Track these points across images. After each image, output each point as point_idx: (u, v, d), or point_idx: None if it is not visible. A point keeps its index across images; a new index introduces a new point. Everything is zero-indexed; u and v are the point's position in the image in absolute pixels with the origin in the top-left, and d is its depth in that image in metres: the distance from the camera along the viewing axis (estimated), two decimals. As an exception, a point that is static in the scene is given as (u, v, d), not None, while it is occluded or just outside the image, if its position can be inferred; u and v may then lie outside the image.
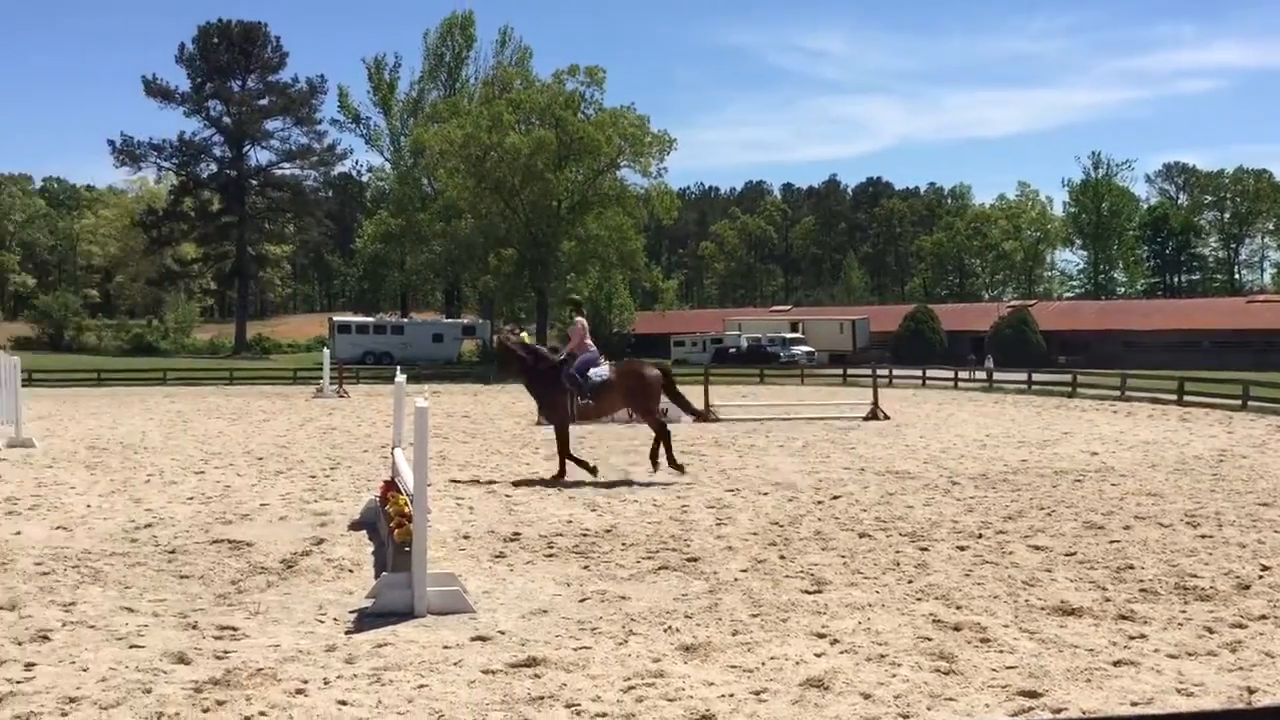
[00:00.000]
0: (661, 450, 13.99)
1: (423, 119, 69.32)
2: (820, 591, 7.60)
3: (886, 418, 23.77)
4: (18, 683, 5.57)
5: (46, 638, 6.39)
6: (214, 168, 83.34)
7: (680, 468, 13.91)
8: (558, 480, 13.35)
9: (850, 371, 46.26)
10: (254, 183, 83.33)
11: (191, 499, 11.93)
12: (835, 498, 12.19)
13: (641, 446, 15.54)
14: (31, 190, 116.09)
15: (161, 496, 12.10)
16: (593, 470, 13.43)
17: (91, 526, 10.17)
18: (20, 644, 6.27)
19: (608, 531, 10.02)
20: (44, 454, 16.28)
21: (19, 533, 9.75)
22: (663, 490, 12.76)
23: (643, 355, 74.30)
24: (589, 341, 14.11)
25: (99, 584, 7.79)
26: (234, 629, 6.60)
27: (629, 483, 13.33)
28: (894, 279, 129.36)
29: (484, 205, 59.46)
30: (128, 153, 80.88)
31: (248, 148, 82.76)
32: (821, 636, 6.44)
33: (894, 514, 11.05)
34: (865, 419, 23.69)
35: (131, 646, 6.21)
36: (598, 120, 58.44)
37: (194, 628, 6.63)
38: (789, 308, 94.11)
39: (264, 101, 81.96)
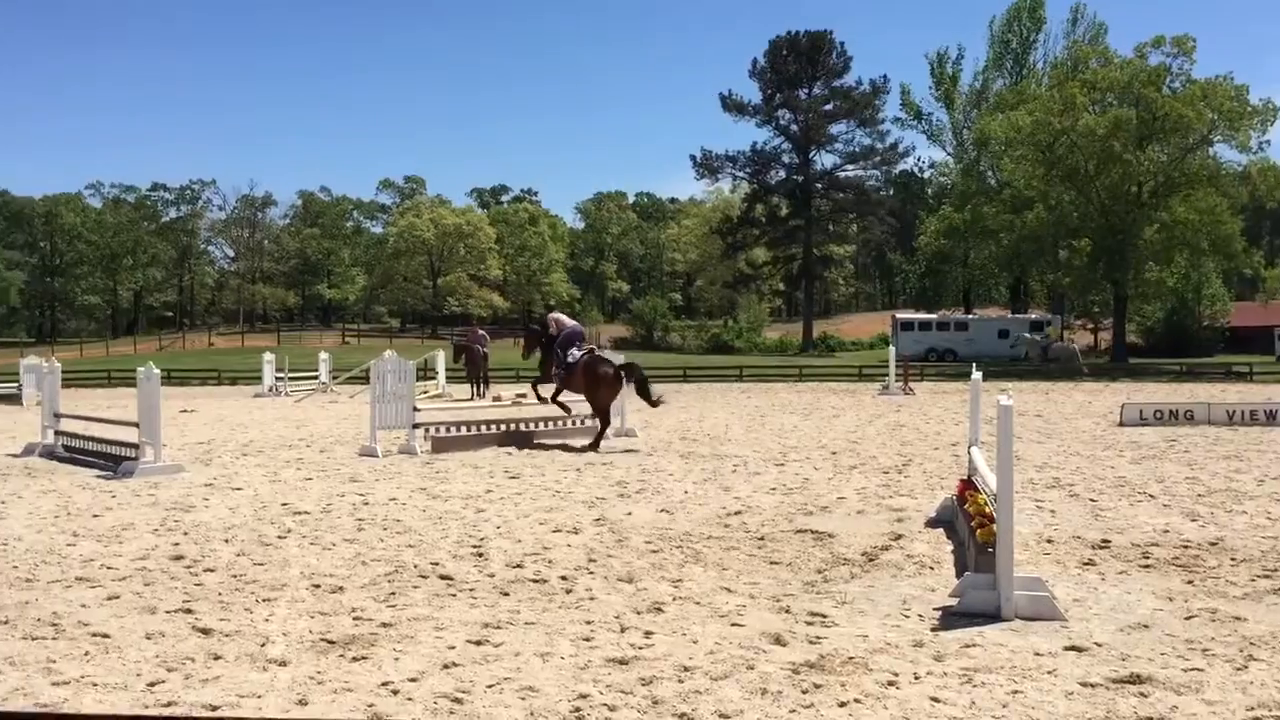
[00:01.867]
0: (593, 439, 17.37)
1: (987, 109, 67.62)
2: None
3: None
4: (640, 649, 6.22)
5: (660, 609, 7.08)
6: (782, 174, 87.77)
7: (594, 449, 16.85)
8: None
9: None
10: (819, 186, 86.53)
11: (774, 490, 12.61)
12: None
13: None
14: (626, 205, 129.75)
15: (747, 486, 12.92)
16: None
17: (689, 511, 11.11)
18: (639, 613, 7.00)
19: (1213, 544, 9.10)
20: (644, 443, 18.06)
21: (630, 514, 10.91)
22: (1277, 502, 11.35)
23: (1239, 351, 66.82)
24: (568, 323, 18.58)
25: (700, 564, 8.49)
26: (823, 616, 6.87)
27: (1230, 491, 12.04)
28: None
29: (1054, 194, 56.72)
30: (707, 165, 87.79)
31: (814, 153, 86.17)
32: None
33: None
34: None
35: (733, 624, 6.69)
36: (1187, 94, 53.28)
37: (787, 612, 6.99)
38: None
39: (829, 107, 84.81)
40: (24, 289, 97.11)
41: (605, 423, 17.61)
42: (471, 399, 27.71)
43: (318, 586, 7.80)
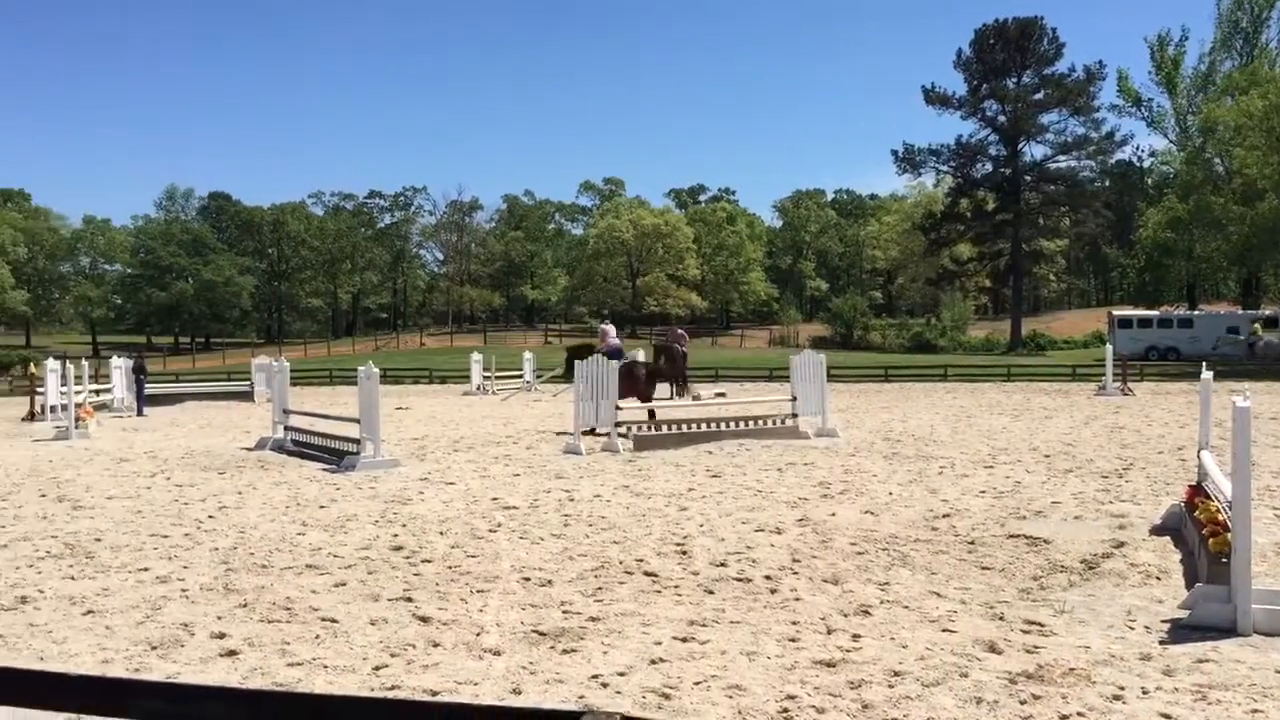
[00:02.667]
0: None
1: (1214, 93, 63.60)
2: None
3: None
4: (847, 651, 6.13)
5: (868, 613, 6.96)
6: (989, 167, 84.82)
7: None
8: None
9: None
10: (1028, 179, 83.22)
11: (984, 493, 12.21)
12: None
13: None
14: (824, 203, 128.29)
15: (955, 489, 12.55)
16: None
17: (895, 513, 10.88)
18: (845, 615, 6.90)
19: None
20: (847, 443, 17.80)
21: (834, 514, 10.77)
22: None
23: None
24: (612, 340, 21.72)
25: (908, 567, 8.30)
26: (1040, 625, 6.60)
27: None
28: None
29: (1290, 183, 52.81)
30: (909, 160, 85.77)
31: (1023, 144, 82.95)
32: None
33: None
34: None
35: (944, 630, 6.51)
36: None
37: (1000, 619, 6.76)
38: None
39: (1039, 95, 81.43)
40: (254, 293, 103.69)
41: (651, 412, 20.16)
42: (671, 398, 27.95)
43: (528, 579, 8.02)
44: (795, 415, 18.55)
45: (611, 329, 22.72)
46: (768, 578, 7.98)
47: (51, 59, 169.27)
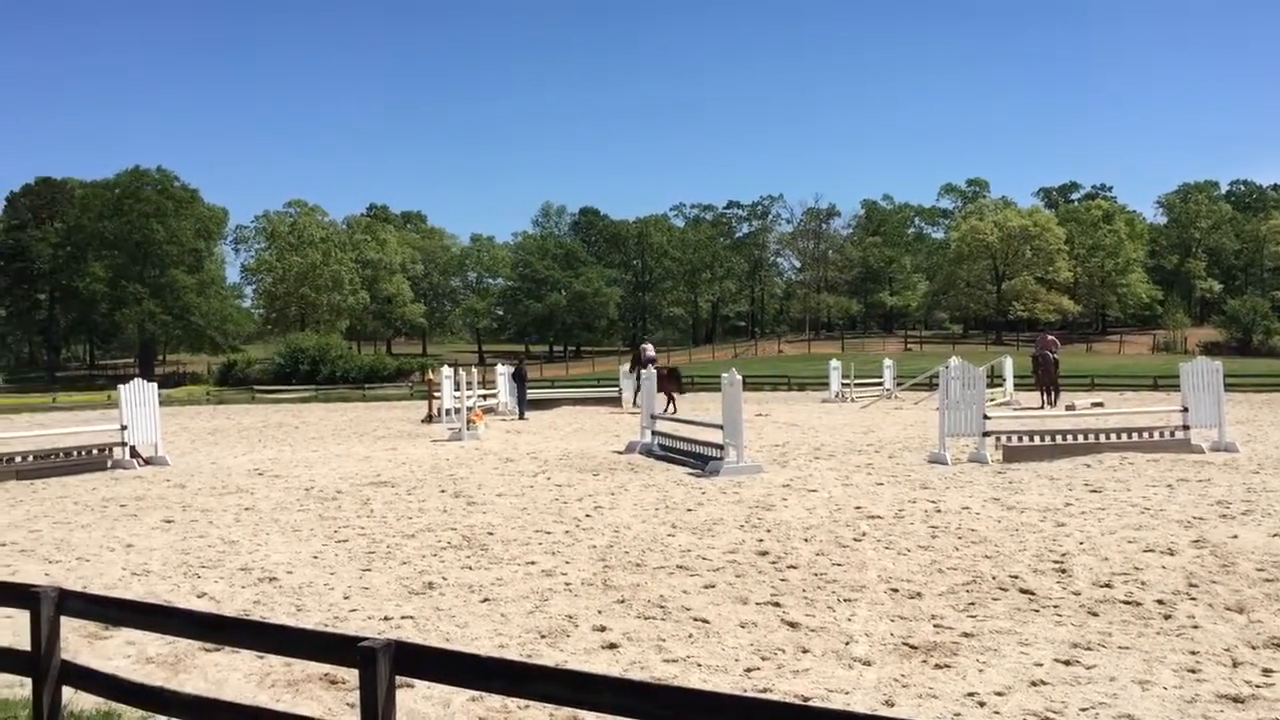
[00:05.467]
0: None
1: None
2: None
3: None
4: (1257, 687, 5.57)
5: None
6: None
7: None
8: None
9: None
10: None
11: None
12: None
13: None
14: (1218, 196, 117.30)
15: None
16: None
17: (1310, 537, 9.74)
18: (1254, 648, 6.27)
19: None
20: (1248, 459, 16.13)
21: (1235, 536, 9.80)
22: None
23: None
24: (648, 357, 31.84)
25: (1328, 599, 7.41)
26: None
27: None
28: None
29: None
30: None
31: None
32: None
33: None
34: None
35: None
36: None
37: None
38: None
39: None
40: (620, 302, 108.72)
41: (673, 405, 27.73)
42: (1042, 407, 26.58)
43: (895, 591, 7.88)
44: (1186, 427, 17.07)
45: (649, 347, 34.28)
46: (1160, 602, 7.40)
47: (447, 97, 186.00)
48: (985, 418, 16.62)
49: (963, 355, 35.84)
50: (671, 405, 28.43)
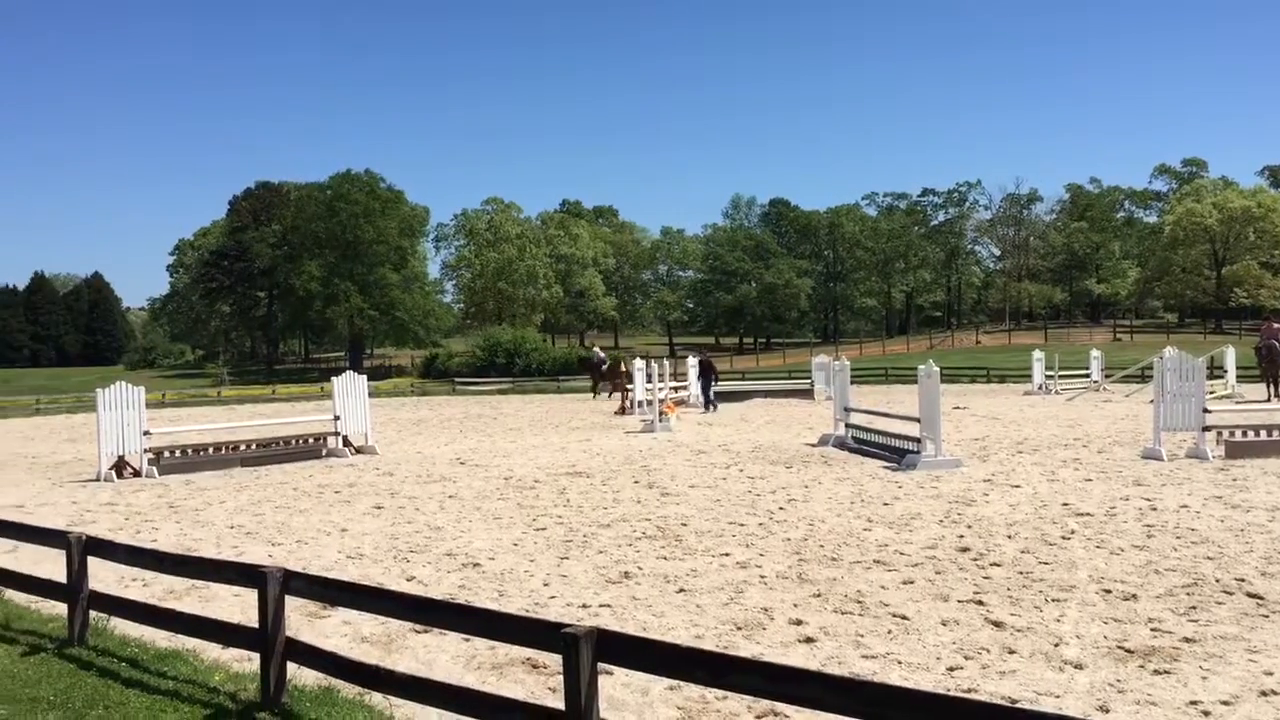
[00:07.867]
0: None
1: None
2: None
3: None
4: None
5: None
6: None
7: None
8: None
9: None
10: None
11: None
12: None
13: None
14: None
15: None
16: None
17: None
18: None
19: None
20: None
21: None
22: None
23: None
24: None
25: None
26: None
27: None
28: None
29: None
30: None
31: None
32: None
33: None
34: None
35: None
36: None
37: None
38: None
39: None
40: (811, 294, 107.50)
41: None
42: (1269, 400, 24.88)
43: (1108, 592, 7.52)
44: None
45: (599, 350, 38.92)
46: None
47: (638, 92, 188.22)
48: (1205, 411, 15.67)
49: (1179, 345, 33.95)
50: (626, 399, 29.59)
